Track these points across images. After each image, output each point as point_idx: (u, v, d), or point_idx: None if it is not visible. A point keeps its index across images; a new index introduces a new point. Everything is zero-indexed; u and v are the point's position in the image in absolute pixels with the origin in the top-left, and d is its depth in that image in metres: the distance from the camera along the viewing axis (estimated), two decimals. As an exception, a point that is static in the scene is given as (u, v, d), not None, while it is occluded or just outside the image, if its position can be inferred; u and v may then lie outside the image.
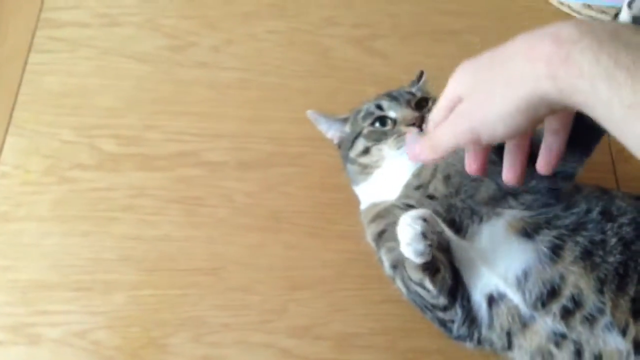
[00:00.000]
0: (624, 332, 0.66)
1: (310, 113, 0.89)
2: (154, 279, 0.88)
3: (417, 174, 0.79)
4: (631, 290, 0.66)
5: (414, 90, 0.86)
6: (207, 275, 0.89)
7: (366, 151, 0.82)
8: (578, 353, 0.68)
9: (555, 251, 0.69)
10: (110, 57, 1.05)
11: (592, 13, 1.09)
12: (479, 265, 0.73)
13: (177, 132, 0.99)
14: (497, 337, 0.73)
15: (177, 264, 0.90)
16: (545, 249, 0.69)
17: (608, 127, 0.46)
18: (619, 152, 1.00)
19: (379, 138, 0.80)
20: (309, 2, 1.12)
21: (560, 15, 1.11)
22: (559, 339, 0.69)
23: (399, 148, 0.78)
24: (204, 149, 0.98)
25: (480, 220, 0.72)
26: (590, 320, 0.67)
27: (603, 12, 1.09)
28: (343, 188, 0.92)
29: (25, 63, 1.04)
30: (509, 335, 0.72)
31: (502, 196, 0.72)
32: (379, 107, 0.83)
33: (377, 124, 0.82)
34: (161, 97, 1.02)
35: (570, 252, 0.69)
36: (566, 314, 0.68)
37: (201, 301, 0.87)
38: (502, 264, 0.71)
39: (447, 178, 0.76)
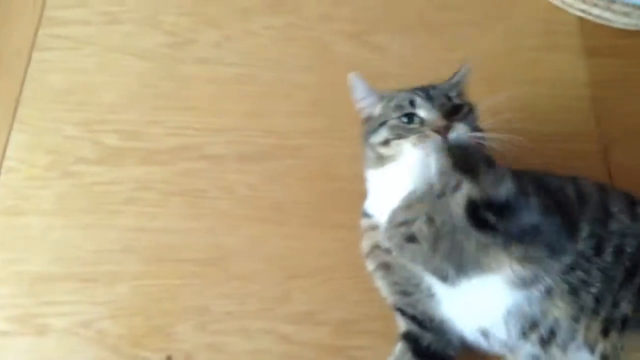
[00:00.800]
0: (592, 349, 0.71)
1: (352, 75, 0.86)
2: (156, 270, 0.90)
3: (405, 208, 0.78)
4: (603, 313, 0.71)
5: (452, 94, 0.82)
6: (209, 266, 0.91)
7: (386, 143, 0.80)
8: None
9: (548, 291, 0.72)
10: (112, 55, 1.07)
11: (585, 7, 1.09)
12: (465, 307, 0.77)
13: (178, 126, 1.01)
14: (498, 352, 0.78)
15: (179, 254, 0.92)
16: (537, 293, 0.72)
17: None
18: (609, 140, 1.01)
19: (401, 134, 0.78)
20: (306, -2, 1.15)
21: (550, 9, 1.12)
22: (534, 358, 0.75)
23: (417, 146, 0.76)
24: (205, 142, 1.00)
25: (467, 274, 0.73)
26: (563, 345, 0.72)
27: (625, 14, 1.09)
28: (341, 179, 0.94)
29: (29, 61, 1.06)
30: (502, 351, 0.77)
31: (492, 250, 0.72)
32: (412, 103, 0.81)
33: (404, 119, 0.80)
34: (162, 92, 1.04)
35: (559, 290, 0.72)
36: (543, 342, 0.73)
37: (204, 290, 0.89)
38: (489, 307, 0.75)
39: (431, 220, 0.75)
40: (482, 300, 0.75)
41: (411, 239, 0.75)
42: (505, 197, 0.69)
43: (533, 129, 0.79)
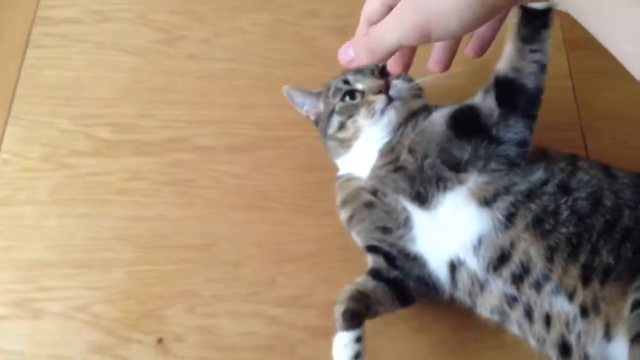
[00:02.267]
0: (570, 297, 0.71)
1: (286, 89, 0.93)
2: (149, 256, 0.93)
3: (386, 152, 0.84)
4: (582, 259, 0.71)
5: (379, 64, 0.89)
6: (200, 252, 0.94)
7: (342, 126, 0.87)
8: (528, 314, 0.74)
9: (509, 218, 0.74)
10: (104, 51, 1.10)
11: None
12: (439, 234, 0.79)
13: (169, 119, 1.04)
14: (462, 297, 0.79)
15: (171, 241, 0.95)
16: (500, 216, 0.74)
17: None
18: (589, 128, 1.06)
19: (351, 112, 0.86)
20: (292, -6, 1.18)
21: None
22: (510, 300, 0.75)
23: (371, 117, 0.83)
24: (194, 134, 1.03)
25: (445, 187, 0.77)
26: (537, 286, 0.72)
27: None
28: (326, 167, 0.97)
29: (23, 58, 1.09)
30: (470, 295, 0.78)
31: (464, 162, 0.77)
32: (346, 82, 0.88)
33: (347, 98, 0.87)
34: (153, 87, 1.07)
35: (522, 218, 0.73)
36: (515, 278, 0.74)
37: (194, 275, 0.92)
38: (461, 232, 0.76)
39: (413, 150, 0.80)
40: (454, 225, 0.77)
41: (396, 169, 0.80)
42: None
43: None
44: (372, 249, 0.86)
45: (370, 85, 0.85)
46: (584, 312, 0.70)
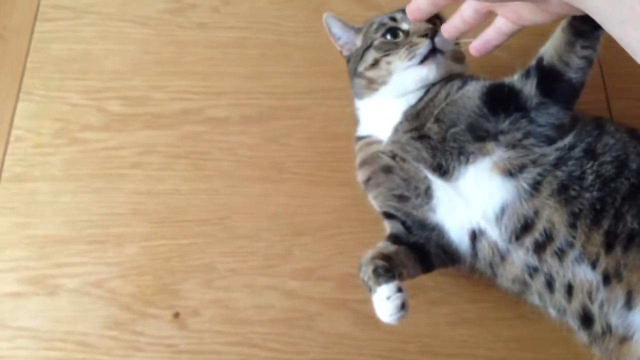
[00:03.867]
0: (593, 265, 0.68)
1: (326, 16, 0.89)
2: (164, 230, 0.93)
3: (411, 117, 0.81)
4: (605, 225, 0.68)
5: None
6: (214, 225, 0.93)
7: (375, 64, 0.82)
8: (549, 284, 0.72)
9: (535, 186, 0.71)
10: (112, 23, 1.08)
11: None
12: (460, 204, 0.76)
13: (180, 91, 1.03)
14: (483, 267, 0.77)
15: (185, 215, 0.94)
16: (525, 185, 0.71)
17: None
18: (613, 89, 1.02)
19: (389, 50, 0.81)
20: (303, -41, 1.14)
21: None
22: (532, 270, 0.72)
23: (410, 59, 0.79)
24: (207, 106, 1.02)
25: (467, 160, 0.74)
26: (560, 254, 0.70)
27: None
28: (342, 137, 0.95)
29: (32, 32, 1.07)
30: (491, 266, 0.76)
31: (492, 135, 0.74)
32: (393, 19, 0.84)
33: (388, 36, 0.83)
34: (164, 58, 1.05)
35: (548, 185, 0.71)
36: (537, 247, 0.71)
37: (209, 249, 0.91)
38: (483, 202, 0.74)
39: (440, 120, 0.77)
40: (475, 196, 0.74)
41: (420, 137, 0.77)
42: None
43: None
44: (388, 215, 0.83)
45: (417, 27, 0.80)
46: (606, 279, 0.68)
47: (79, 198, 0.95)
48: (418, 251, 0.80)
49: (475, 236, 0.76)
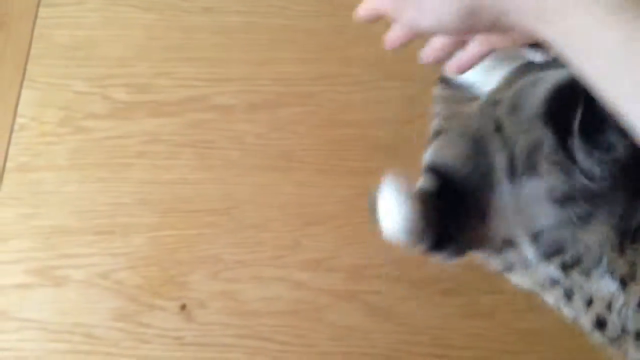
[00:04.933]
0: (612, 273, 0.65)
1: None
2: (170, 221, 0.91)
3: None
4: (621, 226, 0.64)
5: None
6: (221, 215, 0.92)
7: None
8: (568, 295, 0.69)
9: (586, 219, 0.68)
10: (116, 8, 1.06)
11: None
12: (508, 213, 0.73)
13: (186, 77, 1.01)
14: (501, 269, 0.75)
15: (192, 205, 0.92)
16: (574, 216, 0.68)
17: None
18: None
19: None
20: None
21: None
22: (553, 282, 0.70)
23: None
24: (213, 93, 0.99)
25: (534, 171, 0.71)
26: (587, 271, 0.67)
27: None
28: (352, 125, 0.93)
29: (35, 18, 1.05)
30: (510, 270, 0.74)
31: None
32: None
33: None
34: (169, 44, 1.03)
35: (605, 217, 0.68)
36: (564, 266, 0.69)
37: (216, 240, 0.90)
38: (529, 219, 0.71)
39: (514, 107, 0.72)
40: (523, 209, 0.72)
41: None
42: None
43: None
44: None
45: None
46: (623, 282, 0.66)
47: (85, 188, 0.94)
48: None
49: (508, 244, 0.74)
